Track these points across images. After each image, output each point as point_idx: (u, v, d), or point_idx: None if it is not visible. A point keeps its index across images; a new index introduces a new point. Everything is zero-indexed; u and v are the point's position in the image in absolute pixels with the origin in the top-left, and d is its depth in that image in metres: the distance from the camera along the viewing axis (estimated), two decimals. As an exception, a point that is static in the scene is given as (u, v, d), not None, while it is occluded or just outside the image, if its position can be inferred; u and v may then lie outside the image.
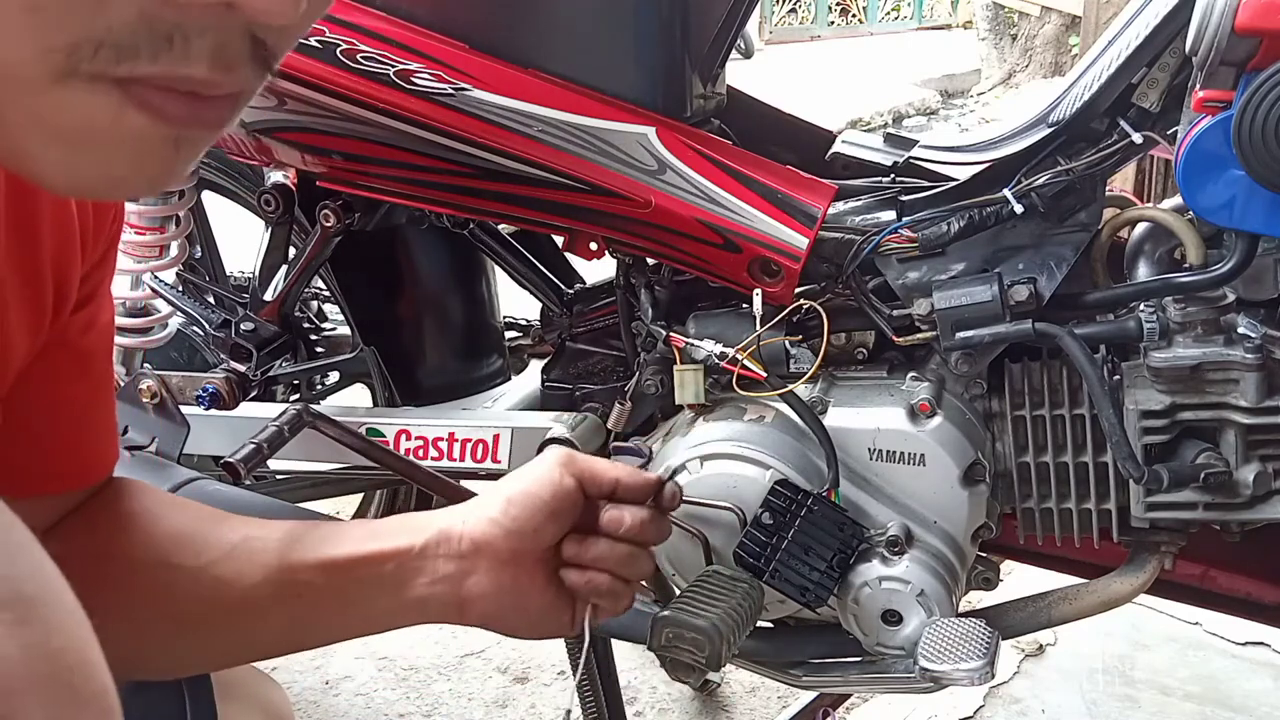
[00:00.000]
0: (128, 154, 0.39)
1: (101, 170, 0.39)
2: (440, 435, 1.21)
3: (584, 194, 1.05)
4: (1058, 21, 7.13)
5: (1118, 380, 0.99)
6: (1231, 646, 1.68)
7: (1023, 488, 1.06)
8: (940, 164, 1.10)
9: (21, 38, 0.35)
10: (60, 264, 0.56)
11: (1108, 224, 1.02)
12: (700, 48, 1.08)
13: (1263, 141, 0.81)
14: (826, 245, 1.04)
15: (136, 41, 0.36)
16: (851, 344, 1.10)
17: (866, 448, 1.03)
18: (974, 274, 1.01)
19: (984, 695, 1.58)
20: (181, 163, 0.41)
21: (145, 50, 0.36)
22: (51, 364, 0.60)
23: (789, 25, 10.03)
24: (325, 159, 1.13)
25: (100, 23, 0.35)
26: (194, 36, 0.36)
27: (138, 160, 0.39)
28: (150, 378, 1.21)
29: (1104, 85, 0.95)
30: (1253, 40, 0.82)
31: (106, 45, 0.35)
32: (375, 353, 1.30)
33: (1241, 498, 0.95)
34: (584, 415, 1.17)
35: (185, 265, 1.35)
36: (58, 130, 0.37)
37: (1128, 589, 1.06)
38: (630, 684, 1.62)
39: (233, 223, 1.51)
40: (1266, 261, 0.94)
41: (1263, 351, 0.91)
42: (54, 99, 0.36)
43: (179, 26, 0.36)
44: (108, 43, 0.35)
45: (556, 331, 1.27)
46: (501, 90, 1.04)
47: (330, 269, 1.29)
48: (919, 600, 0.99)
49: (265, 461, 1.10)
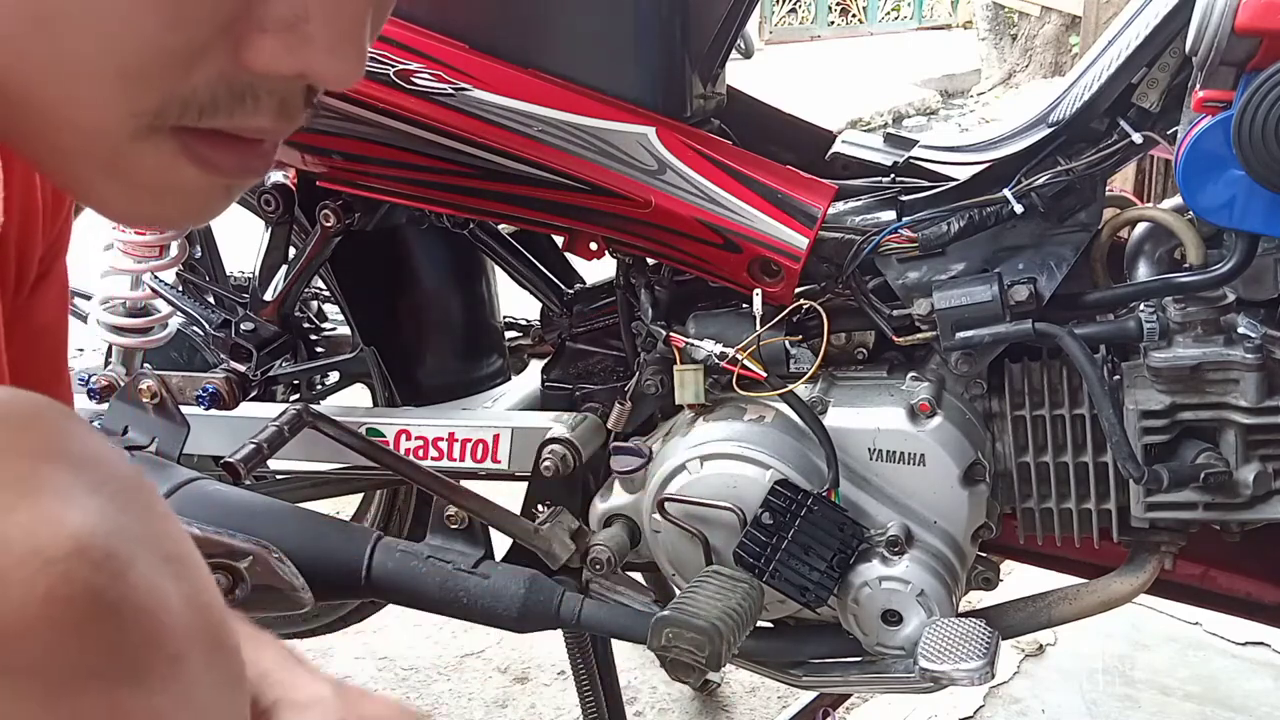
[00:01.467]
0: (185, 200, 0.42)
1: (158, 210, 0.42)
2: (440, 435, 1.21)
3: (584, 194, 1.05)
4: (1058, 21, 7.13)
5: (1118, 380, 0.99)
6: (1231, 646, 1.68)
7: (1023, 488, 1.06)
8: (940, 164, 1.10)
9: (113, 102, 0.37)
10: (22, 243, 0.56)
11: (1108, 224, 1.02)
12: (700, 48, 1.08)
13: (1263, 141, 0.81)
14: (826, 245, 1.04)
15: (216, 101, 0.38)
16: (851, 344, 1.10)
17: (866, 448, 1.03)
18: (974, 274, 1.01)
19: (984, 695, 1.58)
20: (229, 203, 0.44)
21: (223, 108, 0.38)
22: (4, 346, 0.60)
23: (789, 25, 10.02)
24: (325, 159, 1.13)
25: (186, 86, 0.37)
26: (264, 95, 0.39)
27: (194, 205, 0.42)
28: (150, 378, 1.21)
29: (1104, 85, 0.95)
30: (1253, 40, 0.82)
31: (190, 106, 0.38)
32: (375, 353, 1.30)
33: (1241, 498, 0.95)
34: (584, 415, 1.17)
35: (185, 265, 1.34)
36: (126, 175, 0.40)
37: (1128, 589, 1.06)
38: (630, 684, 1.62)
39: (233, 223, 1.50)
40: (1266, 261, 0.94)
41: (1263, 351, 0.91)
42: (130, 151, 0.38)
43: (251, 86, 0.38)
44: (191, 103, 0.38)
45: (556, 331, 1.27)
46: (501, 90, 1.04)
47: (330, 269, 1.28)
48: (919, 600, 0.99)
49: (265, 461, 1.10)
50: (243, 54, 0.37)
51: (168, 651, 0.34)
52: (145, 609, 0.33)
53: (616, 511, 1.11)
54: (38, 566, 0.31)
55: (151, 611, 0.33)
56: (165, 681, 0.33)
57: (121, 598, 0.32)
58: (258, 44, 0.37)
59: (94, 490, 0.34)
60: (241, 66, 0.38)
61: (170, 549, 0.35)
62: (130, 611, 0.33)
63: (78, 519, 0.32)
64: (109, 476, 0.35)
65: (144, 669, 0.33)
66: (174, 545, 0.36)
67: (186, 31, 0.36)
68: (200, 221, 0.45)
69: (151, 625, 0.33)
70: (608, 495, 1.13)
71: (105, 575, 0.32)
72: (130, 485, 0.36)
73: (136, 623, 0.33)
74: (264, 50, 0.37)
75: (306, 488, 1.40)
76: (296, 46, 0.37)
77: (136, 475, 0.36)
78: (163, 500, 0.37)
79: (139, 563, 0.33)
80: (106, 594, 0.32)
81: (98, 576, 0.32)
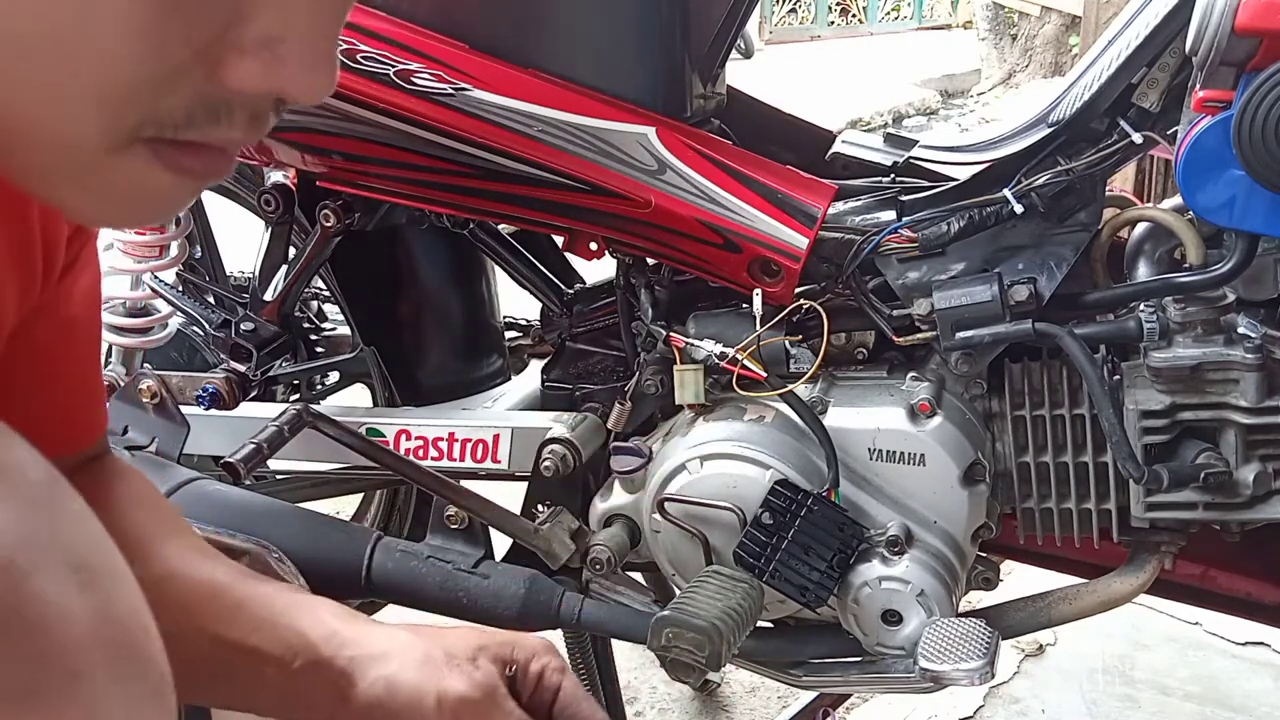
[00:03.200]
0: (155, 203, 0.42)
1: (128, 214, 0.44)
2: (440, 435, 1.21)
3: (584, 194, 1.05)
4: (1058, 21, 7.13)
5: (1118, 380, 0.99)
6: (1231, 646, 1.68)
7: (1023, 488, 1.06)
8: (940, 164, 1.10)
9: (90, 123, 0.37)
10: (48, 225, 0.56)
11: (1108, 224, 1.02)
12: (700, 48, 1.08)
13: (1263, 141, 0.81)
14: (826, 245, 1.04)
15: (191, 118, 0.39)
16: (851, 344, 1.10)
17: (866, 448, 1.03)
18: (974, 274, 1.01)
19: (984, 695, 1.58)
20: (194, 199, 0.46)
21: (198, 124, 0.39)
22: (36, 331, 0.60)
23: (789, 25, 10.02)
24: (325, 159, 1.13)
25: (162, 105, 0.38)
26: (237, 109, 0.40)
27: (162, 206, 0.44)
28: (150, 378, 1.21)
29: (1104, 85, 0.95)
30: (1253, 40, 0.82)
31: (166, 123, 0.39)
32: (375, 353, 1.30)
33: (1241, 498, 0.95)
34: (584, 415, 1.17)
35: (185, 265, 1.34)
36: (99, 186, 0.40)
37: (1128, 589, 1.06)
38: (630, 684, 1.62)
39: (233, 223, 1.50)
40: (1266, 261, 0.94)
41: (1263, 351, 0.91)
42: (104, 164, 0.39)
43: (226, 102, 0.39)
44: (167, 121, 0.38)
45: (556, 331, 1.27)
46: (501, 90, 1.04)
47: (330, 269, 1.28)
48: (919, 600, 0.99)
49: (265, 461, 1.10)
50: (219, 74, 0.38)
51: (65, 667, 0.32)
52: (40, 623, 0.31)
53: (616, 511, 1.11)
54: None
55: (48, 626, 0.32)
56: (62, 700, 0.32)
57: (13, 611, 0.31)
58: (235, 64, 0.38)
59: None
60: (217, 85, 0.38)
61: (82, 558, 0.34)
62: (23, 626, 0.31)
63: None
64: (17, 484, 0.33)
65: (38, 687, 0.31)
66: (87, 554, 0.34)
67: (165, 58, 0.36)
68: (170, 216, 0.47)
69: (46, 641, 0.31)
70: (608, 495, 1.13)
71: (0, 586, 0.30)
72: (41, 493, 0.34)
73: (29, 638, 0.31)
74: (241, 70, 0.38)
75: (306, 488, 1.39)
76: (273, 66, 0.38)
77: (51, 481, 0.35)
78: (81, 507, 0.35)
79: (39, 574, 0.32)
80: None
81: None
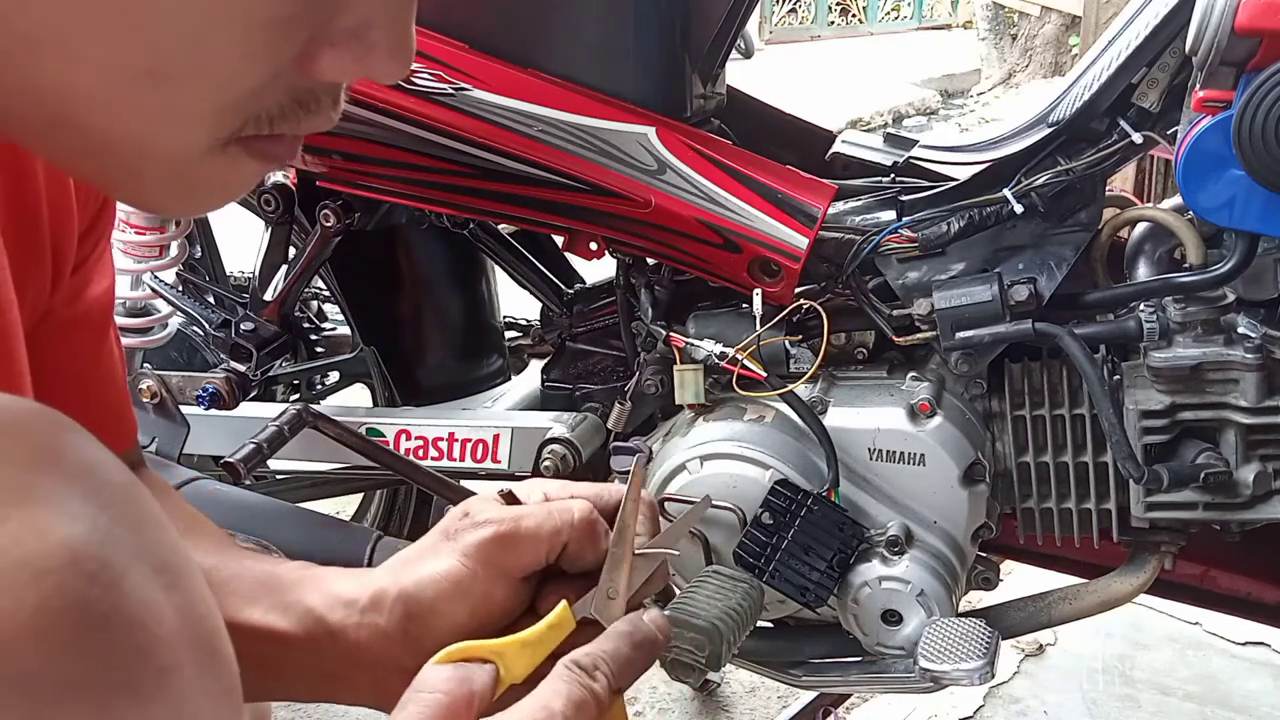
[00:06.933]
0: (238, 190, 0.43)
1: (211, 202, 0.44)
2: (440, 435, 1.21)
3: (584, 194, 1.05)
4: (1058, 21, 7.13)
5: (1118, 380, 0.99)
6: (1231, 646, 1.68)
7: (1023, 488, 1.06)
8: (940, 164, 1.10)
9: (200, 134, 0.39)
10: (57, 225, 0.56)
11: (1108, 224, 1.02)
12: (700, 48, 1.08)
13: (1263, 141, 0.81)
14: (826, 245, 1.04)
15: (284, 113, 0.40)
16: (851, 344, 1.10)
17: (866, 448, 1.03)
18: (974, 274, 1.01)
19: (984, 695, 1.58)
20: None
21: (290, 117, 0.40)
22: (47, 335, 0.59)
23: (789, 25, 10.02)
24: (325, 159, 1.13)
25: (259, 105, 0.39)
26: (323, 97, 0.41)
27: (241, 192, 0.44)
28: (150, 378, 1.21)
29: (1104, 85, 0.95)
30: (1253, 40, 0.82)
31: (263, 121, 0.40)
32: (375, 353, 1.30)
33: (1241, 498, 0.95)
34: (584, 415, 1.17)
35: (185, 265, 1.34)
36: (193, 183, 0.41)
37: (1128, 589, 1.06)
38: (630, 684, 1.62)
39: (233, 223, 1.50)
40: (1266, 261, 0.94)
41: (1263, 351, 0.91)
42: (201, 164, 0.40)
43: (314, 93, 0.41)
44: (263, 118, 0.40)
45: (556, 331, 1.27)
46: (501, 90, 1.04)
47: (330, 269, 1.28)
48: (919, 600, 0.99)
49: (265, 461, 1.10)
50: (311, 68, 0.39)
51: (158, 663, 0.33)
52: (137, 620, 0.33)
53: (616, 511, 1.11)
54: (28, 578, 0.30)
55: (143, 623, 0.33)
56: (156, 693, 0.33)
57: (113, 609, 0.32)
58: (326, 57, 0.39)
59: (87, 500, 0.33)
60: (308, 78, 0.39)
61: (164, 559, 0.35)
62: (121, 623, 0.32)
63: (70, 529, 0.32)
64: (103, 485, 0.35)
65: (135, 681, 0.33)
66: (168, 555, 0.36)
67: (273, 67, 0.38)
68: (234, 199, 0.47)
69: (143, 637, 0.33)
70: (608, 495, 1.12)
71: (98, 587, 0.32)
72: (125, 494, 0.35)
73: (128, 634, 0.33)
74: (332, 61, 0.39)
75: (306, 488, 1.40)
76: (362, 54, 0.40)
77: (131, 484, 0.36)
78: (158, 509, 0.37)
79: (131, 573, 0.33)
80: (98, 606, 0.32)
81: (90, 588, 0.31)
